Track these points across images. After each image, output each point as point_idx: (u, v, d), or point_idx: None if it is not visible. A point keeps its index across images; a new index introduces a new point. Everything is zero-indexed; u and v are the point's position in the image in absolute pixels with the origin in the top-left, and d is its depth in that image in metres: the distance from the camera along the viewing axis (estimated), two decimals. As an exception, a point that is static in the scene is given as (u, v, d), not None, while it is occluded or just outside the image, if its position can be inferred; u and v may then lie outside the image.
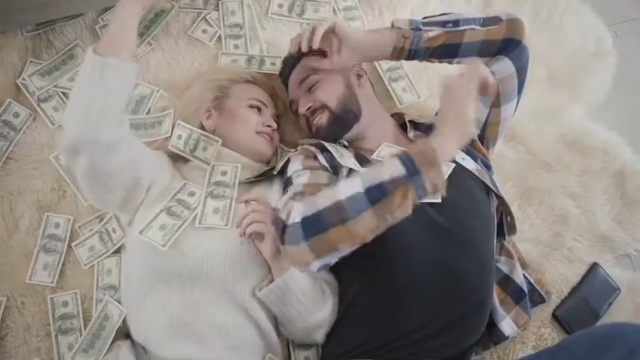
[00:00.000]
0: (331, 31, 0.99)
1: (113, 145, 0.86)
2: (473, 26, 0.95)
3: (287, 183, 0.95)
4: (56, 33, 1.25)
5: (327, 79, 1.06)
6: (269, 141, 1.08)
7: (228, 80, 1.11)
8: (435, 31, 0.97)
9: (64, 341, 1.04)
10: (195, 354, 0.89)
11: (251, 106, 1.08)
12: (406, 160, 0.73)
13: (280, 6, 1.31)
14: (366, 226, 0.74)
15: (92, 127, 0.83)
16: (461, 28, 0.96)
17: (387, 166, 0.73)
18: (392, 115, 1.16)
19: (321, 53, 1.04)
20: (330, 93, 1.04)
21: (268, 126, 1.08)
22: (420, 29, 0.98)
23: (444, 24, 0.98)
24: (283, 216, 0.79)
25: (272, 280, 0.92)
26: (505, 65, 0.96)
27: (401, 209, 0.73)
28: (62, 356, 1.03)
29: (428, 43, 0.98)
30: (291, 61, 1.13)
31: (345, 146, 1.05)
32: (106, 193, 0.94)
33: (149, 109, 1.17)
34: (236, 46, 1.26)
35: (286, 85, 1.17)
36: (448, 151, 0.75)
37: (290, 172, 0.97)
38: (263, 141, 1.07)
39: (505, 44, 0.95)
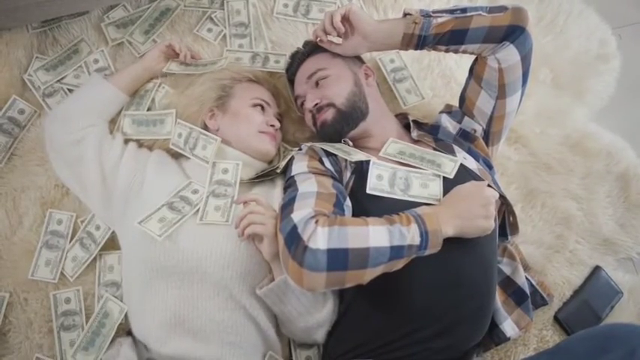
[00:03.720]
0: (345, 17, 1.01)
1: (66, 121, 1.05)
2: (480, 12, 0.97)
3: (289, 183, 0.95)
4: (62, 30, 1.26)
5: (337, 76, 1.06)
6: (272, 140, 1.08)
7: (231, 79, 1.11)
8: (443, 17, 0.99)
9: (66, 338, 1.04)
10: (193, 349, 0.90)
11: (254, 105, 1.08)
12: (424, 234, 0.79)
13: (285, 6, 1.31)
14: (374, 275, 0.79)
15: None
16: (468, 14, 0.98)
17: (411, 231, 0.79)
18: (396, 116, 1.16)
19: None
20: (339, 90, 1.04)
21: (272, 125, 1.08)
22: (429, 16, 1.00)
23: (452, 11, 1.00)
24: (303, 235, 0.78)
25: (273, 279, 0.92)
26: (510, 52, 0.97)
27: (398, 267, 0.81)
28: (64, 353, 1.03)
29: (437, 29, 0.99)
30: (299, 57, 1.14)
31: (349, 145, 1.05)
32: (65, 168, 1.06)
33: (152, 100, 1.17)
34: (241, 45, 1.27)
35: (291, 81, 1.17)
36: (451, 228, 0.83)
37: (294, 172, 0.96)
38: (267, 139, 1.07)
39: (510, 31, 0.95)
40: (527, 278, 1.06)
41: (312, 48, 1.12)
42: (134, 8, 1.29)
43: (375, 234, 0.78)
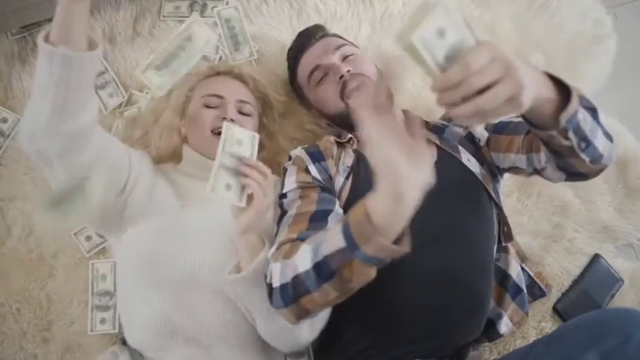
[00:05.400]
0: None
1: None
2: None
3: (280, 203, 0.91)
4: (42, 35, 1.23)
5: (363, 57, 1.06)
6: None
7: (192, 86, 1.08)
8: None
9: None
10: (195, 356, 0.89)
11: (205, 105, 1.03)
12: (346, 230, 0.64)
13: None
14: (332, 296, 0.69)
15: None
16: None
17: (331, 236, 0.67)
18: None
19: None
20: (370, 67, 1.03)
21: (231, 119, 0.99)
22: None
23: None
24: (267, 276, 0.77)
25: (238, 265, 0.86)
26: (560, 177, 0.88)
27: (360, 278, 0.66)
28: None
29: None
30: (319, 32, 1.11)
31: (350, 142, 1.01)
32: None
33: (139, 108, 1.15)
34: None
35: (296, 60, 1.11)
36: (381, 215, 0.60)
37: (285, 188, 0.92)
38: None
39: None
40: (524, 270, 1.04)
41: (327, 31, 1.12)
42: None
43: (301, 258, 0.72)
